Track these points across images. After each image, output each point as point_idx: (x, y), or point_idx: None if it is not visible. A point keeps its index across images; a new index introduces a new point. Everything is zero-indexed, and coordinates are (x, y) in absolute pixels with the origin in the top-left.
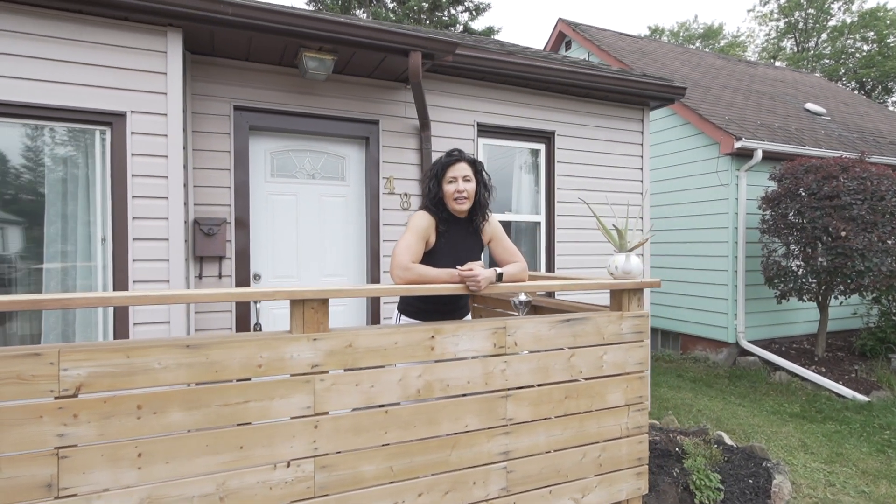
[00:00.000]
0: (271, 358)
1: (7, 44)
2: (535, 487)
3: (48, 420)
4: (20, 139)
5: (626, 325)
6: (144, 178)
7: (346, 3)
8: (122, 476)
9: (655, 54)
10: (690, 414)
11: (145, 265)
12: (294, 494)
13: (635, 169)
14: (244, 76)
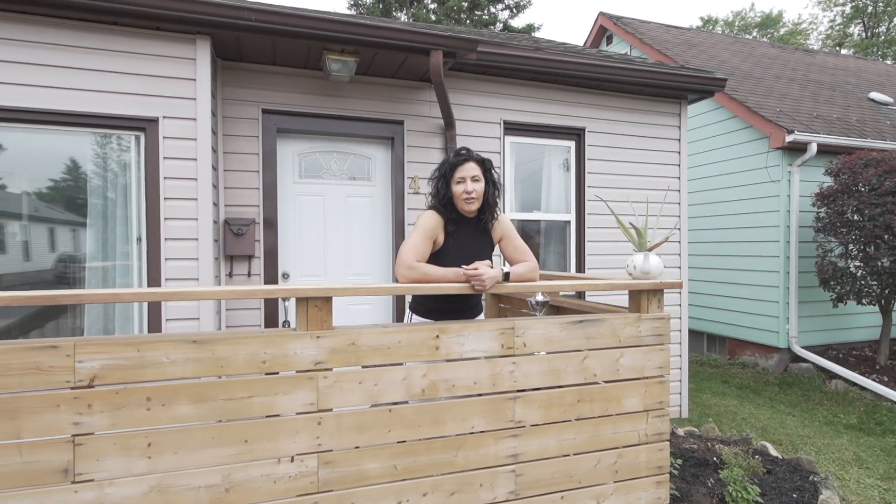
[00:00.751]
0: (275, 354)
1: (50, 56)
2: (545, 492)
3: (65, 409)
4: (64, 146)
5: (644, 328)
6: (175, 180)
7: (387, 5)
8: (133, 464)
9: (702, 46)
10: (734, 422)
11: (176, 264)
12: (298, 489)
13: (671, 165)
14: (272, 80)
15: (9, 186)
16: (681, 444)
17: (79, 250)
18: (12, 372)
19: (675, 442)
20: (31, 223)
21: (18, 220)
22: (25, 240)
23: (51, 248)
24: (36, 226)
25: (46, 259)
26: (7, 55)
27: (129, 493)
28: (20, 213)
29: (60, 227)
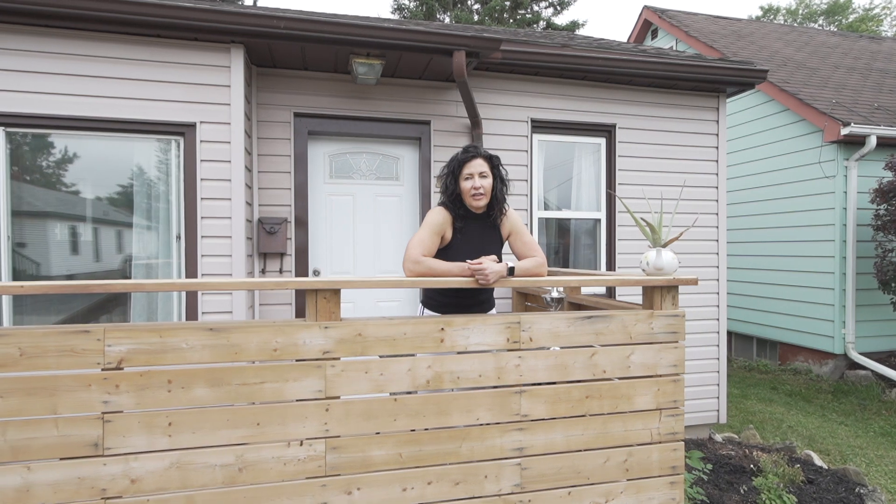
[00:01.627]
0: (285, 343)
1: (103, 68)
2: (552, 487)
3: (95, 388)
4: (113, 150)
5: (657, 325)
6: (211, 181)
7: (430, 7)
8: (155, 441)
9: (753, 36)
10: (779, 430)
11: (212, 260)
12: (306, 472)
13: (708, 161)
14: (303, 84)
15: (71, 190)
16: (717, 450)
17: (127, 248)
18: (50, 353)
19: (712, 447)
20: (87, 223)
21: (79, 221)
22: (81, 240)
23: (104, 246)
24: (91, 226)
25: (101, 256)
26: (66, 68)
27: (151, 468)
28: (82, 214)
29: (113, 227)
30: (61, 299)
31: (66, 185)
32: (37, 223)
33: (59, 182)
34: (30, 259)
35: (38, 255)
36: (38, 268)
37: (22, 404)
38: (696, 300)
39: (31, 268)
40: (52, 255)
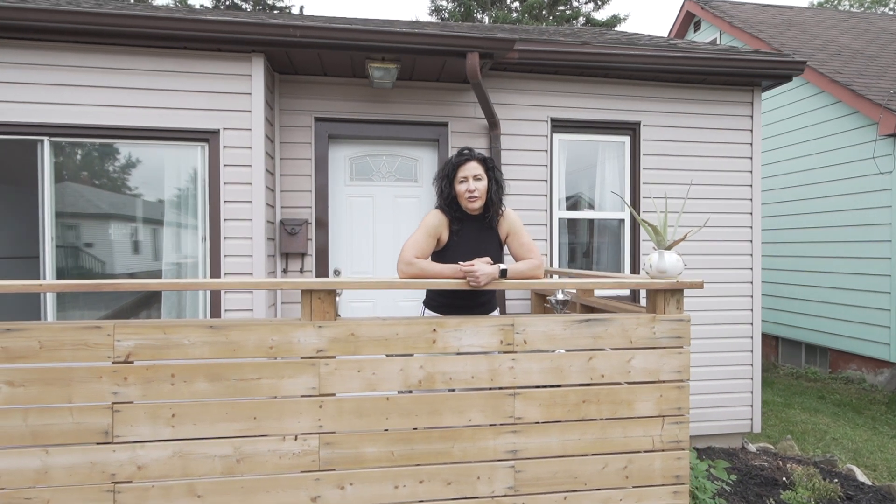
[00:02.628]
0: (281, 341)
1: (131, 80)
2: (547, 491)
3: (106, 380)
4: (145, 157)
5: (660, 329)
6: (233, 185)
7: (468, 8)
8: (160, 431)
9: (806, 25)
10: (821, 442)
11: (234, 260)
12: (301, 465)
13: (741, 159)
14: (323, 90)
15: (106, 195)
16: (749, 461)
17: (159, 249)
18: (66, 347)
19: (744, 457)
20: (123, 225)
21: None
22: (118, 240)
23: (139, 246)
24: (126, 228)
25: (138, 255)
26: (101, 81)
27: (156, 456)
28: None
29: (147, 229)
30: (109, 296)
31: (103, 191)
32: (78, 224)
33: (96, 187)
34: (73, 257)
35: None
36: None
37: (41, 393)
38: (725, 304)
39: (73, 264)
40: (94, 254)
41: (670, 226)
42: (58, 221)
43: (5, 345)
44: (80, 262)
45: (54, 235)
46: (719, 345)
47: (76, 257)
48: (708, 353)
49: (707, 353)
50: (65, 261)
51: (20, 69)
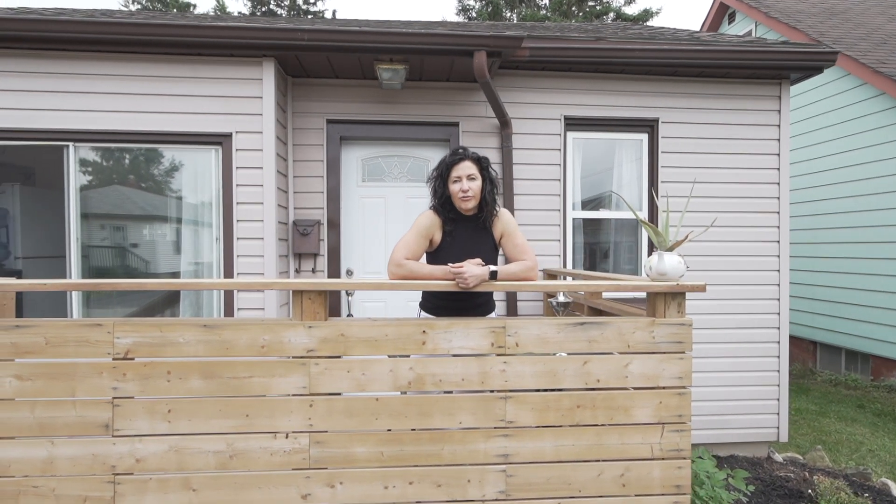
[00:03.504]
0: (272, 340)
1: (148, 86)
2: (539, 497)
3: (106, 376)
4: (161, 160)
5: (659, 333)
6: (245, 186)
7: (496, 7)
8: (157, 426)
9: (850, 13)
10: (856, 453)
11: (246, 260)
12: (292, 463)
13: (768, 155)
14: (334, 92)
15: (126, 197)
16: (774, 471)
17: (177, 249)
18: (69, 343)
19: (768, 467)
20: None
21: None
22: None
23: (158, 246)
24: (147, 228)
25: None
26: (120, 88)
27: (153, 450)
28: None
29: (165, 229)
30: (134, 295)
31: (123, 193)
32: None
33: (118, 189)
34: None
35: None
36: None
37: (47, 386)
38: (749, 307)
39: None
40: (117, 254)
41: (673, 225)
42: (83, 223)
43: (14, 340)
44: (102, 261)
45: (79, 236)
46: (743, 349)
47: (100, 257)
48: (730, 358)
49: (729, 358)
50: (89, 260)
51: (47, 78)
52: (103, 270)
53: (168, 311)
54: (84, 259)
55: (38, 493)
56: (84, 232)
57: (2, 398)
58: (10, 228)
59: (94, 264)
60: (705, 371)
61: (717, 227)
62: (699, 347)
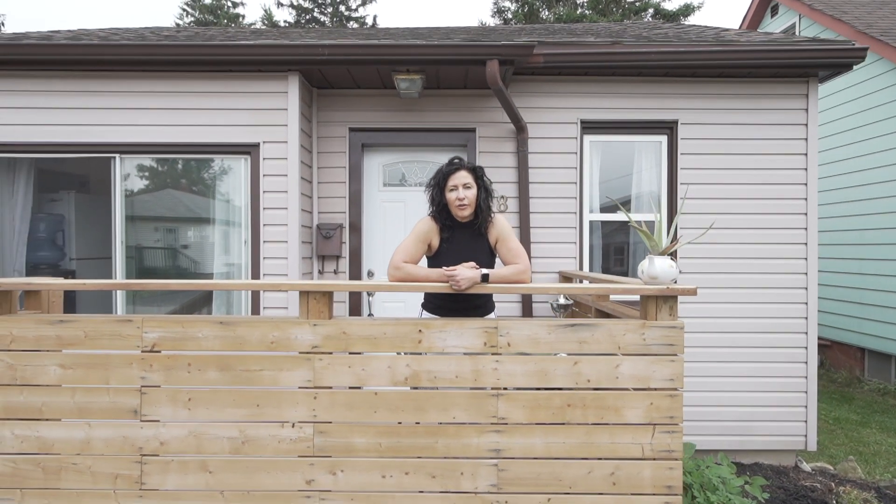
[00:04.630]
0: (280, 337)
1: (184, 101)
2: (530, 491)
3: (135, 366)
4: (196, 169)
5: (650, 335)
6: (271, 193)
7: (532, 7)
8: (178, 413)
9: None
10: (895, 465)
11: (272, 262)
12: (297, 450)
13: (794, 155)
14: (356, 102)
15: (169, 203)
16: (799, 480)
17: (211, 251)
18: (104, 336)
19: (794, 477)
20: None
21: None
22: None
23: (194, 248)
24: (187, 231)
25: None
26: (159, 104)
27: (175, 434)
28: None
29: (201, 233)
30: (176, 294)
31: (163, 200)
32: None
33: (158, 196)
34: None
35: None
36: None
37: (85, 375)
38: (774, 311)
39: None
40: (159, 255)
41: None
42: (127, 226)
43: (59, 333)
44: (144, 262)
45: (124, 239)
46: (768, 354)
47: (142, 258)
48: (754, 363)
49: (753, 363)
50: (134, 261)
51: (96, 96)
52: (145, 270)
53: (205, 308)
54: (129, 260)
55: (77, 469)
56: (129, 235)
57: (48, 384)
58: (66, 232)
59: (137, 266)
60: (728, 376)
61: (741, 230)
62: (721, 352)
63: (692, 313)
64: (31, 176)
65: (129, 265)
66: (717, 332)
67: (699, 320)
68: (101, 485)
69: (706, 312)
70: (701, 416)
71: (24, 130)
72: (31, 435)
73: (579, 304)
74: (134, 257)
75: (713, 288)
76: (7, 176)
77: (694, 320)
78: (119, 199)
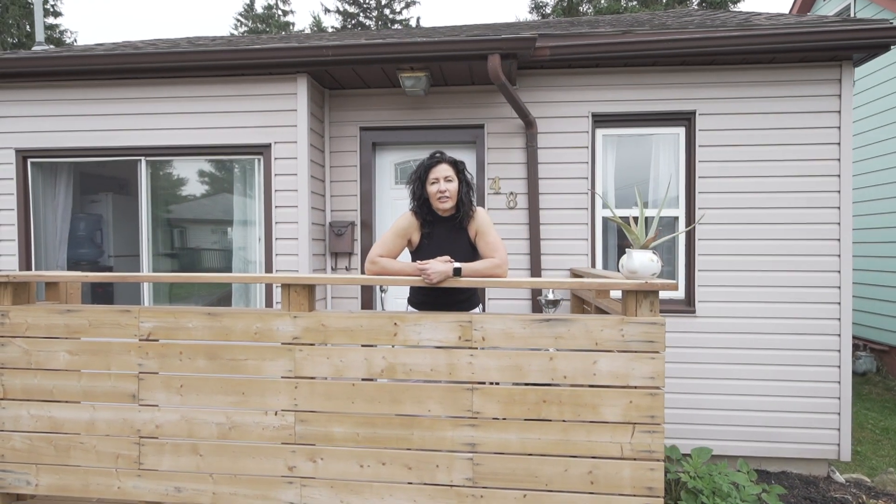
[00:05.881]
0: (263, 328)
1: (202, 105)
2: (505, 486)
3: (133, 354)
4: (214, 170)
5: (629, 332)
6: (283, 191)
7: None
8: (171, 398)
9: None
10: None
11: (284, 258)
12: (280, 437)
13: (825, 145)
14: (366, 102)
15: (191, 202)
16: (829, 492)
17: (229, 247)
18: (105, 326)
19: (824, 487)
20: (205, 228)
21: (200, 225)
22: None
23: (215, 245)
24: (207, 229)
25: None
26: (178, 108)
27: (169, 418)
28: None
29: (220, 231)
30: (203, 288)
31: (185, 199)
32: (170, 226)
33: (180, 196)
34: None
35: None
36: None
37: (89, 360)
38: (803, 311)
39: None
40: (183, 252)
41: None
42: (152, 225)
43: (67, 322)
44: (168, 258)
45: (150, 237)
46: (795, 357)
47: (167, 255)
48: (782, 366)
49: (781, 366)
50: (160, 257)
51: (124, 103)
52: (168, 265)
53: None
54: (156, 257)
55: (84, 448)
56: (154, 233)
57: (58, 368)
58: (104, 231)
59: (162, 262)
60: (753, 378)
61: (766, 225)
62: (745, 353)
63: (714, 313)
64: (72, 179)
65: (156, 262)
66: (740, 333)
67: (721, 320)
68: (105, 463)
69: (729, 312)
70: (723, 419)
71: (61, 137)
72: (44, 415)
73: (584, 301)
74: (159, 254)
75: (736, 286)
76: (50, 179)
77: (716, 320)
78: (145, 198)
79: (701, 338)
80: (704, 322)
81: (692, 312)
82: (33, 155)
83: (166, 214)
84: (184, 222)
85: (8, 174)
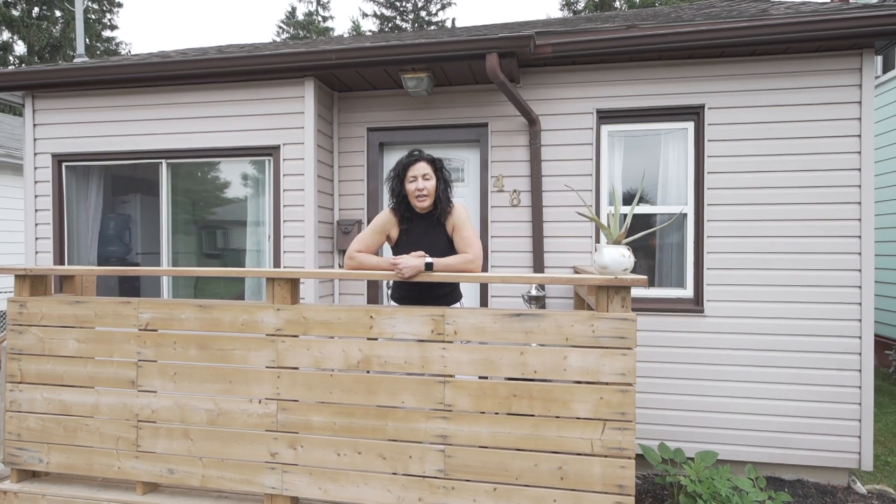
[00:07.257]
0: (249, 320)
1: (215, 110)
2: (476, 479)
3: (133, 343)
4: (228, 171)
5: (600, 327)
6: (291, 191)
7: None
8: (166, 385)
9: None
10: None
11: (291, 255)
12: (263, 424)
13: (844, 138)
14: (372, 103)
15: (206, 201)
16: (845, 503)
17: (242, 245)
18: (108, 316)
19: (843, 498)
20: (219, 227)
21: (213, 226)
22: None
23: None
24: (216, 228)
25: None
26: (195, 113)
27: (164, 404)
28: (215, 219)
29: (234, 229)
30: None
31: (200, 199)
32: (188, 225)
33: (198, 197)
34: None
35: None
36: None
37: (94, 348)
38: (820, 311)
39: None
40: (201, 249)
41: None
42: (172, 225)
43: (76, 312)
44: (187, 255)
45: (170, 235)
46: (812, 360)
47: (185, 253)
48: (797, 369)
49: (796, 369)
50: (179, 255)
51: (148, 109)
52: (187, 262)
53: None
54: (175, 255)
55: (89, 430)
56: (173, 230)
57: (67, 355)
58: (132, 230)
59: (181, 258)
60: (767, 381)
61: (781, 221)
62: (759, 355)
63: (724, 313)
64: (102, 181)
65: (175, 260)
66: (753, 334)
67: (732, 320)
68: (107, 444)
69: (740, 312)
70: (734, 423)
71: (93, 142)
72: (55, 398)
73: (580, 299)
74: (178, 251)
75: (748, 285)
76: (83, 181)
77: (726, 320)
78: (165, 199)
79: (710, 338)
80: (714, 322)
81: (700, 312)
82: (67, 159)
83: (185, 215)
84: (200, 222)
85: (45, 177)
